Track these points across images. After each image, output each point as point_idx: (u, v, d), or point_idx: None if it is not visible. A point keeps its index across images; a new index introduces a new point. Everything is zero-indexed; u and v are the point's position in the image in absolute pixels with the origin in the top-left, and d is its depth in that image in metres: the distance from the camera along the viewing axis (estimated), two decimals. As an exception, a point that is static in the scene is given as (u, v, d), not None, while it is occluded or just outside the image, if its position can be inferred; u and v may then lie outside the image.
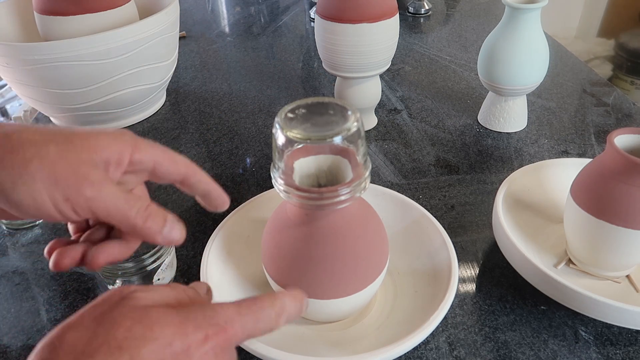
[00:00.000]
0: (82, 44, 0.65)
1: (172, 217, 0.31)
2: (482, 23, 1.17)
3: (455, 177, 0.65)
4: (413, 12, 1.23)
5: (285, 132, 0.35)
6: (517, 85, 0.69)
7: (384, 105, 0.83)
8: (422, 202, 0.61)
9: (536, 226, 0.53)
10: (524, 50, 0.66)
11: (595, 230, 0.45)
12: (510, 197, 0.54)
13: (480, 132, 0.75)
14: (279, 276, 0.41)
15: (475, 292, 0.49)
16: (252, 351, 0.37)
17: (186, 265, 0.53)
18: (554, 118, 0.78)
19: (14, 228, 0.60)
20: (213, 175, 0.67)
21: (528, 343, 0.44)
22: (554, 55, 0.89)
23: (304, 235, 0.38)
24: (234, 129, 0.78)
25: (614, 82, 1.81)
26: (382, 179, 0.66)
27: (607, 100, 0.83)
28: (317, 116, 0.36)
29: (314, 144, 0.35)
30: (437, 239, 0.47)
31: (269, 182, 0.65)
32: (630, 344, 0.44)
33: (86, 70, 0.68)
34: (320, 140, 0.34)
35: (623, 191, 0.42)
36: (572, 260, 0.50)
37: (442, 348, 0.44)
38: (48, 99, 0.71)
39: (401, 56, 1.00)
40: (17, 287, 0.52)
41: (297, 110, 0.36)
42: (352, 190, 0.36)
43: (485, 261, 0.53)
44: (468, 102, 0.83)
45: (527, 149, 0.71)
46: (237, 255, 0.48)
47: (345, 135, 0.34)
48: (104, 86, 0.71)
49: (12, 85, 0.72)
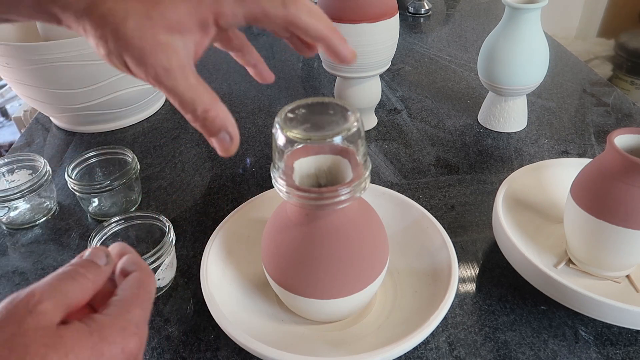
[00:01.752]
0: (82, 44, 0.65)
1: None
2: (482, 23, 1.17)
3: (455, 177, 0.65)
4: (413, 12, 1.23)
5: (285, 132, 0.35)
6: (517, 85, 0.69)
7: (384, 105, 0.83)
8: (422, 202, 0.61)
9: (536, 226, 0.53)
10: (524, 50, 0.66)
11: (595, 230, 0.45)
12: (510, 197, 0.54)
13: (480, 132, 0.75)
14: (279, 276, 0.41)
15: (475, 292, 0.49)
16: (252, 351, 0.37)
17: (186, 265, 0.53)
18: (554, 118, 0.78)
19: (14, 228, 0.60)
20: (213, 175, 0.68)
21: (528, 343, 0.44)
22: (554, 55, 0.89)
23: (304, 235, 0.38)
24: (234, 129, 0.78)
25: (614, 82, 1.81)
26: (382, 179, 0.66)
27: (607, 100, 0.83)
28: (317, 116, 0.36)
29: (314, 144, 0.35)
30: (437, 239, 0.47)
31: (269, 182, 0.65)
32: (630, 344, 0.44)
33: (86, 70, 0.68)
34: (320, 140, 0.34)
35: (623, 191, 0.42)
36: (572, 260, 0.50)
37: (442, 348, 0.44)
38: (48, 99, 0.71)
39: (401, 56, 1.00)
40: (17, 287, 0.52)
41: (297, 110, 0.36)
42: (352, 190, 0.36)
43: (485, 261, 0.53)
44: (468, 102, 0.83)
45: (527, 149, 0.71)
46: (237, 255, 0.48)
47: (345, 135, 0.34)
48: (104, 86, 0.71)
49: (12, 85, 0.72)
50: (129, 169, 0.58)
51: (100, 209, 0.60)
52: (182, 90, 0.28)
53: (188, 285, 0.51)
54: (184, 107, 0.28)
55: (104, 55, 0.28)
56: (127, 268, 0.29)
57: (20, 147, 0.76)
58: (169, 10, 0.27)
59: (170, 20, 0.27)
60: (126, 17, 0.27)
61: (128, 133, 0.78)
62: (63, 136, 0.78)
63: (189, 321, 0.47)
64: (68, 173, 0.57)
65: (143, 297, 0.27)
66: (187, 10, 0.27)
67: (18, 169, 0.62)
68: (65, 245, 0.57)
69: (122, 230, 0.51)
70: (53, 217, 0.62)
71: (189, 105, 0.28)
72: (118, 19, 0.27)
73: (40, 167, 0.59)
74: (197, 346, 0.45)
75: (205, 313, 0.45)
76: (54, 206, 0.62)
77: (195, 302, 0.49)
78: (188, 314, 0.48)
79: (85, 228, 0.59)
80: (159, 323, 0.47)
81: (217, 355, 0.44)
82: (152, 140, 0.76)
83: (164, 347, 0.45)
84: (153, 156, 0.72)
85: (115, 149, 0.61)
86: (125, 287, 0.27)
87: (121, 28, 0.27)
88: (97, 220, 0.60)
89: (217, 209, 0.61)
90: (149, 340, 0.45)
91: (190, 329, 0.46)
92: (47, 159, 0.66)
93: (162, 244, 0.47)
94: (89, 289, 0.26)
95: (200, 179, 0.67)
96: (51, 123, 0.82)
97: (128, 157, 0.60)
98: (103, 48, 0.28)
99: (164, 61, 0.27)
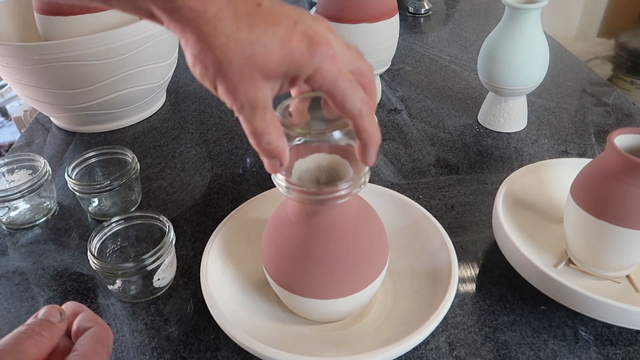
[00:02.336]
0: (82, 44, 0.65)
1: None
2: (482, 23, 1.17)
3: (455, 177, 0.65)
4: (413, 12, 1.22)
5: (284, 126, 0.34)
6: (517, 85, 0.69)
7: (384, 105, 0.83)
8: (422, 202, 0.61)
9: (536, 226, 0.53)
10: (524, 50, 0.66)
11: (595, 230, 0.45)
12: (510, 197, 0.54)
13: (480, 132, 0.75)
14: (279, 276, 0.41)
15: (475, 292, 0.49)
16: (252, 351, 0.37)
17: (186, 265, 0.53)
18: (554, 118, 0.78)
19: (14, 228, 0.60)
20: (213, 175, 0.68)
21: (528, 343, 0.44)
22: (554, 55, 0.89)
23: (304, 235, 0.38)
24: (234, 129, 0.78)
25: (614, 82, 1.81)
26: (382, 179, 0.66)
27: (607, 100, 0.83)
28: (316, 111, 0.36)
29: (313, 139, 0.35)
30: (437, 239, 0.47)
31: (269, 182, 0.65)
32: (630, 344, 0.44)
33: (86, 70, 0.68)
34: (319, 135, 0.34)
35: (623, 191, 0.42)
36: (572, 260, 0.50)
37: (442, 348, 0.44)
38: (48, 99, 0.71)
39: (401, 56, 1.00)
40: (17, 287, 0.52)
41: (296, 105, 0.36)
42: (351, 186, 0.36)
43: (485, 261, 0.53)
44: (468, 102, 0.83)
45: (527, 149, 0.71)
46: (237, 255, 0.48)
47: (344, 130, 0.34)
48: (104, 86, 0.71)
49: (12, 85, 0.72)
50: (129, 169, 0.58)
51: (100, 209, 0.60)
52: (257, 124, 0.31)
53: (188, 285, 0.51)
54: (254, 136, 0.32)
55: (198, 75, 0.30)
56: (84, 325, 0.30)
57: (20, 147, 0.76)
58: (268, 56, 0.29)
59: (267, 68, 0.29)
60: (233, 57, 0.29)
61: (128, 133, 0.78)
62: (63, 136, 0.78)
63: (189, 321, 0.47)
64: (68, 173, 0.57)
65: (101, 350, 0.29)
66: (280, 60, 0.29)
67: (18, 169, 0.62)
68: (65, 245, 0.57)
69: (122, 230, 0.52)
70: (53, 217, 0.62)
71: (258, 136, 0.31)
72: (225, 57, 0.29)
73: (40, 167, 0.59)
74: (197, 346, 0.45)
75: (205, 313, 0.45)
76: (54, 206, 0.62)
77: (195, 302, 0.49)
78: (188, 314, 0.48)
79: (85, 228, 0.59)
80: (159, 323, 0.47)
81: (217, 355, 0.44)
82: (152, 140, 0.76)
83: (164, 347, 0.45)
84: (153, 156, 0.72)
85: (115, 149, 0.61)
86: (84, 342, 0.29)
87: (225, 64, 0.29)
88: (97, 220, 0.60)
89: (217, 209, 0.61)
90: (149, 340, 0.45)
91: (190, 329, 0.46)
92: (47, 159, 0.66)
93: (162, 244, 0.47)
94: (45, 345, 0.28)
95: (200, 179, 0.67)
96: (51, 123, 0.82)
97: (128, 157, 0.60)
98: (200, 69, 0.30)
99: (252, 99, 0.30)
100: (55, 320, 0.30)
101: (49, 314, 0.30)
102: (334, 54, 0.30)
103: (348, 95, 0.31)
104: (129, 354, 0.44)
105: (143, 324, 0.47)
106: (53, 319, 0.30)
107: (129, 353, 0.44)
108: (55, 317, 0.30)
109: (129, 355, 0.44)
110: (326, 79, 0.30)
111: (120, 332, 0.46)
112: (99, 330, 0.30)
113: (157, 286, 0.49)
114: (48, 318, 0.30)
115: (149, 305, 0.49)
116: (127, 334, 0.46)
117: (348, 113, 0.32)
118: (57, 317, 0.30)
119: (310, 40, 0.30)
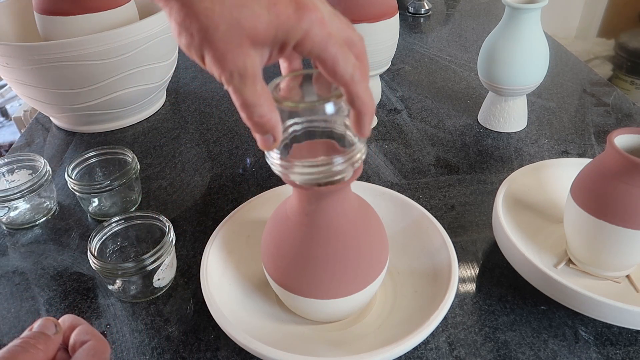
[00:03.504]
0: (82, 44, 0.65)
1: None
2: (482, 23, 1.17)
3: (455, 177, 0.65)
4: (413, 12, 1.23)
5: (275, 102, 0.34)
6: (517, 85, 0.69)
7: (384, 105, 0.83)
8: (422, 202, 0.61)
9: (536, 226, 0.53)
10: (524, 50, 0.66)
11: (595, 230, 0.45)
12: (510, 197, 0.54)
13: (480, 132, 0.75)
14: (279, 276, 0.41)
15: (475, 292, 0.49)
16: (252, 351, 0.37)
17: (186, 265, 0.53)
18: (554, 118, 0.78)
19: (14, 228, 0.60)
20: (213, 175, 0.68)
21: (528, 343, 0.44)
22: (554, 55, 0.89)
23: (304, 235, 0.38)
24: (234, 129, 0.78)
25: (614, 82, 1.81)
26: (382, 179, 0.66)
27: (607, 100, 0.83)
28: (307, 86, 0.35)
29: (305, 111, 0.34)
30: (437, 239, 0.47)
31: (269, 182, 0.65)
32: (630, 344, 0.44)
33: (86, 70, 0.68)
34: (310, 106, 0.34)
35: (623, 191, 0.42)
36: (572, 260, 0.50)
37: (442, 348, 0.44)
38: (48, 99, 0.71)
39: (401, 56, 1.00)
40: (17, 287, 0.52)
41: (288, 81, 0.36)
42: (347, 160, 0.34)
43: (485, 261, 0.53)
44: (468, 102, 0.83)
45: (527, 149, 0.71)
46: (237, 255, 0.48)
47: (336, 101, 0.33)
48: (104, 86, 0.71)
49: (12, 85, 0.72)
50: (129, 169, 0.58)
51: (100, 209, 0.60)
52: (248, 95, 0.29)
53: (188, 285, 0.51)
54: (244, 108, 0.30)
55: (184, 45, 0.29)
56: (82, 338, 0.30)
57: (20, 147, 0.76)
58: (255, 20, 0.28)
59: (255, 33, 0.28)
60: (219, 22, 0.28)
61: (128, 133, 0.78)
62: (63, 136, 0.78)
63: (189, 321, 0.47)
64: (68, 173, 0.57)
65: None
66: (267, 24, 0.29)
67: (18, 169, 0.62)
68: (65, 245, 0.57)
69: (122, 230, 0.52)
70: (53, 217, 0.62)
71: (249, 107, 0.30)
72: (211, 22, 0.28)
73: (40, 167, 0.59)
74: (197, 346, 0.45)
75: (205, 313, 0.45)
76: (54, 206, 0.62)
77: (195, 302, 0.49)
78: (188, 314, 0.48)
79: (85, 228, 0.59)
80: (159, 323, 0.47)
81: (217, 355, 0.44)
82: (152, 140, 0.76)
83: (164, 347, 0.45)
84: (153, 156, 0.72)
85: (115, 149, 0.61)
86: (81, 355, 0.29)
87: (211, 30, 0.28)
88: (97, 220, 0.60)
89: (217, 209, 0.61)
90: (149, 340, 0.45)
91: (190, 329, 0.46)
92: (47, 159, 0.66)
93: (162, 244, 0.47)
94: (40, 358, 0.28)
95: (200, 179, 0.67)
96: (51, 123, 0.82)
97: (128, 157, 0.60)
98: (186, 39, 0.29)
99: (241, 67, 0.29)
100: (50, 333, 0.30)
101: (44, 327, 0.30)
102: (322, 18, 0.29)
103: (339, 60, 0.30)
104: (129, 354, 0.44)
105: (143, 324, 0.47)
106: (48, 332, 0.30)
107: (129, 353, 0.44)
108: (50, 329, 0.30)
109: (129, 355, 0.44)
110: (316, 42, 0.29)
111: (120, 332, 0.46)
112: (97, 344, 0.30)
113: (157, 286, 0.49)
114: (43, 331, 0.30)
115: (149, 305, 0.49)
116: (127, 334, 0.46)
117: (340, 79, 0.31)
118: (53, 329, 0.30)
119: (298, 3, 0.28)
